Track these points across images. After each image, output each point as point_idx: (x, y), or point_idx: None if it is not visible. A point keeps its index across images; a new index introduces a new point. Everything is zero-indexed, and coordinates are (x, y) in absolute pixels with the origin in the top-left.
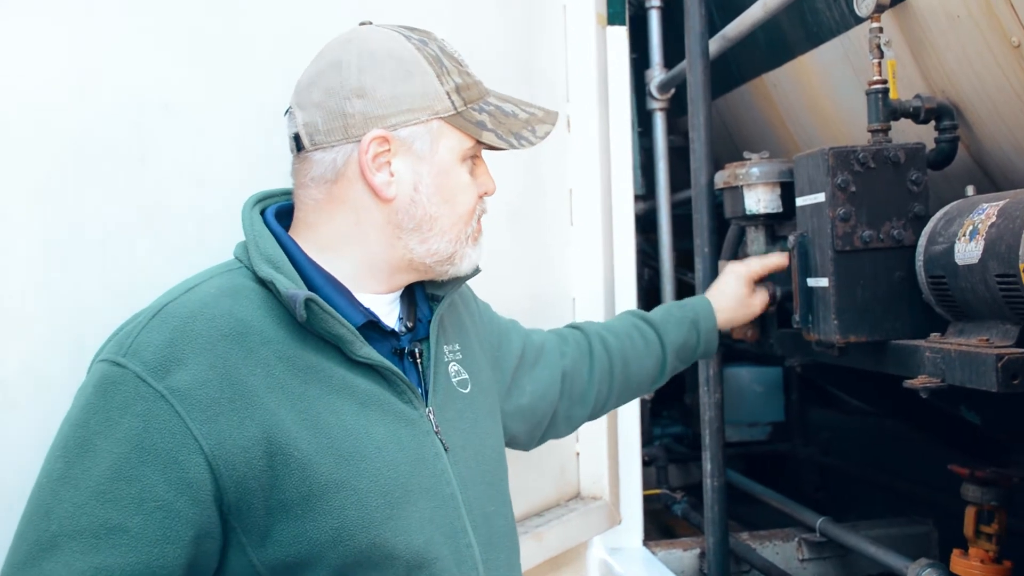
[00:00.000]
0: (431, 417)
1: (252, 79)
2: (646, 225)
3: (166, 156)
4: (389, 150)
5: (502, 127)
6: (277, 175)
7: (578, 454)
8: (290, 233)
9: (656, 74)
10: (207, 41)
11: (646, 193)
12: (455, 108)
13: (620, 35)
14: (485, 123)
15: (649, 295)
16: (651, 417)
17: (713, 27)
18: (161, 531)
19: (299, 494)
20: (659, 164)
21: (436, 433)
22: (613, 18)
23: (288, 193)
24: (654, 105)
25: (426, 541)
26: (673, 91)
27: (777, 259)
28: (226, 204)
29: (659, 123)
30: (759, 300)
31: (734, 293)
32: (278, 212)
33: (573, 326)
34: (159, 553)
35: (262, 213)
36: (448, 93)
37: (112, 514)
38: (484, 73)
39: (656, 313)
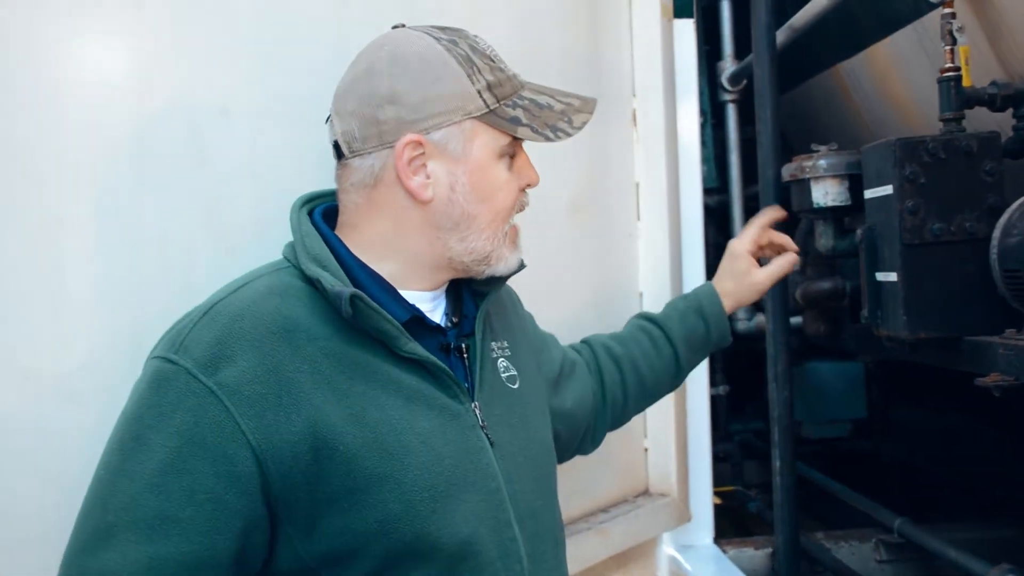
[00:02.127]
0: (477, 412)
1: (306, 83)
2: (722, 218)
3: (223, 159)
4: (424, 153)
5: (537, 120)
6: (333, 175)
7: (646, 450)
8: (337, 231)
9: (727, 66)
10: (262, 47)
11: (720, 186)
12: (487, 106)
13: (687, 28)
14: (519, 118)
15: None
16: (731, 412)
17: (787, 16)
18: (211, 522)
19: (344, 487)
20: (731, 157)
21: (482, 428)
22: (680, 11)
23: (335, 194)
24: (726, 97)
25: (470, 534)
26: (745, 82)
27: (770, 214)
28: (281, 204)
29: (731, 115)
30: (764, 273)
31: (732, 270)
32: (325, 212)
33: (582, 340)
34: (209, 543)
35: (310, 213)
36: (479, 92)
37: (165, 505)
38: (547, 69)
39: (662, 310)
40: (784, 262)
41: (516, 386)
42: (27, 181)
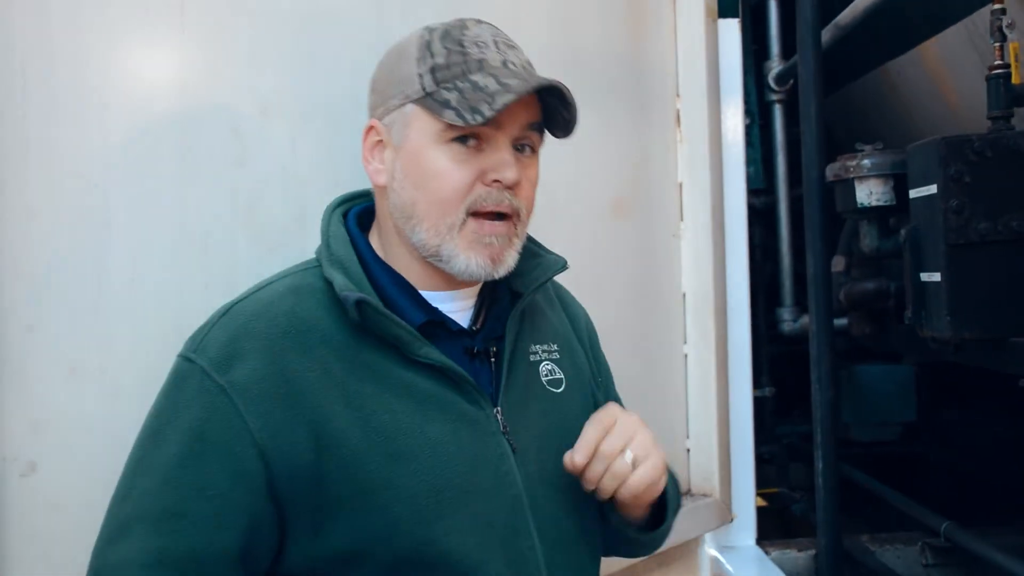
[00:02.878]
0: (499, 417)
1: (344, 84)
2: (769, 219)
3: (263, 159)
4: (381, 140)
5: (465, 103)
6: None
7: (688, 450)
8: (370, 233)
9: (774, 65)
10: (301, 50)
11: (767, 187)
12: (424, 90)
13: (732, 28)
14: (450, 101)
15: (770, 290)
16: (778, 415)
17: (834, 15)
18: (218, 518)
19: (349, 490)
20: (778, 157)
21: (504, 433)
22: (724, 11)
23: (370, 194)
24: (772, 97)
25: (480, 542)
26: (792, 82)
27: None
28: (321, 203)
29: (778, 115)
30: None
31: None
32: (362, 213)
33: None
34: (215, 538)
35: (346, 215)
36: (420, 75)
37: (174, 500)
38: (588, 70)
39: None
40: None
41: (560, 390)
42: (73, 182)
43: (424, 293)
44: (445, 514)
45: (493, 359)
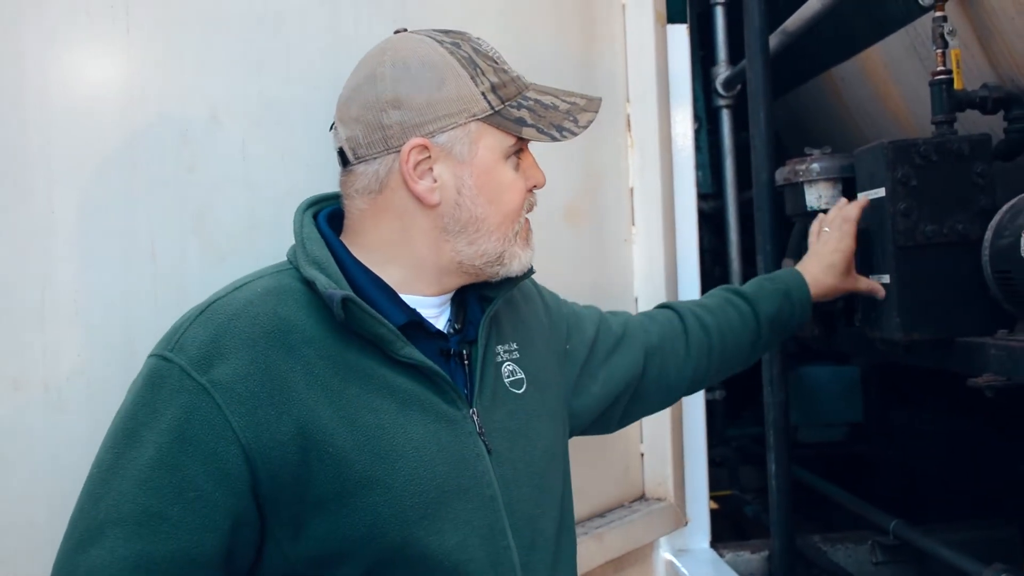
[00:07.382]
0: (475, 418)
1: (297, 89)
2: (717, 224)
3: (214, 165)
4: (430, 156)
5: (542, 120)
6: (325, 180)
7: (642, 455)
8: (341, 238)
9: (722, 71)
10: (253, 54)
11: (715, 191)
12: (492, 108)
13: (680, 33)
14: (524, 119)
15: None
16: (728, 418)
17: (780, 21)
18: (200, 520)
19: (333, 490)
20: (726, 162)
21: (479, 434)
22: (673, 16)
23: (338, 197)
24: (720, 102)
25: (460, 541)
26: (739, 87)
27: (850, 210)
28: (274, 209)
29: (726, 120)
30: (861, 280)
31: (822, 256)
32: (332, 215)
33: (665, 305)
34: (197, 541)
35: (316, 216)
36: (484, 93)
37: (154, 502)
38: (540, 75)
39: (748, 286)
40: (875, 287)
41: (521, 391)
42: (15, 190)
43: (404, 296)
44: (428, 514)
45: (467, 361)
